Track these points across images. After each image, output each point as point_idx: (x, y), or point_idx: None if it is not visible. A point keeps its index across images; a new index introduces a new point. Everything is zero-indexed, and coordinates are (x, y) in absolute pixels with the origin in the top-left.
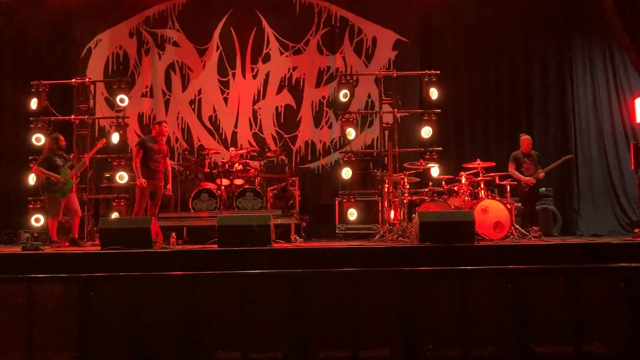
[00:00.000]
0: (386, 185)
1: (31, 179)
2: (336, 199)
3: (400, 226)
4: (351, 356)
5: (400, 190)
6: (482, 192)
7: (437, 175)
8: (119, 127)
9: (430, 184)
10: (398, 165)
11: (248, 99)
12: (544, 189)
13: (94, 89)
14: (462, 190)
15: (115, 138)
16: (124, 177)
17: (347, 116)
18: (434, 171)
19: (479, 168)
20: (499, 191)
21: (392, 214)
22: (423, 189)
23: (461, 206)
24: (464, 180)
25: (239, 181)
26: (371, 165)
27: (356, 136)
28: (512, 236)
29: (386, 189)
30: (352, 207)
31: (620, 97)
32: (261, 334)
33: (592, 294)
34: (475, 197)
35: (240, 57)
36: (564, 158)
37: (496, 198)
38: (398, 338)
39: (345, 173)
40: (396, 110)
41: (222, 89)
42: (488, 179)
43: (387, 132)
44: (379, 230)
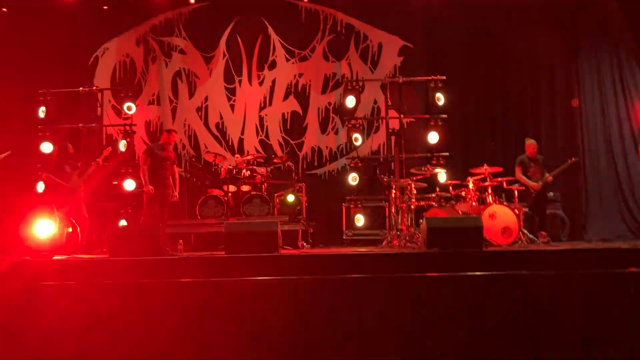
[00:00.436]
0: (393, 191)
1: (39, 187)
2: (343, 204)
3: (407, 232)
4: None
5: (407, 196)
6: (490, 197)
7: (444, 181)
8: (126, 135)
9: (438, 189)
10: (405, 171)
11: (254, 105)
12: (552, 193)
13: (102, 97)
14: (470, 196)
15: (123, 146)
16: (131, 184)
17: (353, 122)
18: (440, 176)
19: (486, 173)
20: (506, 196)
21: (400, 219)
22: (430, 195)
23: (469, 211)
24: (471, 185)
25: (245, 187)
26: (378, 171)
27: (362, 142)
28: (520, 242)
29: (393, 195)
30: (359, 212)
31: (628, 100)
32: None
33: (602, 300)
34: (483, 202)
35: (246, 64)
36: (570, 161)
37: (504, 203)
38: (407, 346)
39: (352, 179)
40: (402, 115)
41: (228, 96)
42: (495, 184)
43: (393, 137)
44: (387, 236)
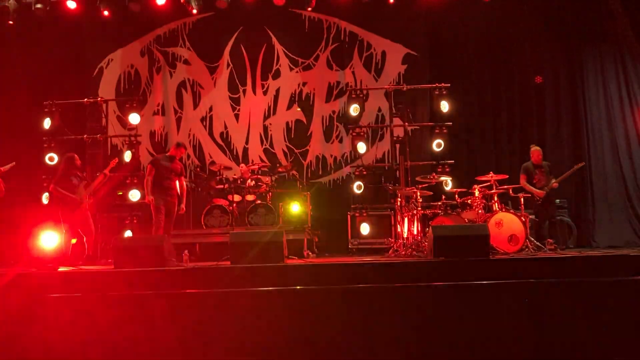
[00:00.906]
0: (398, 199)
1: (44, 199)
2: (348, 213)
3: (413, 241)
4: None
5: (413, 204)
6: (496, 205)
7: (450, 189)
8: (131, 146)
9: (444, 197)
10: (410, 179)
11: (259, 115)
12: (559, 200)
13: (106, 107)
14: (476, 204)
15: (128, 156)
16: (136, 195)
17: (357, 130)
18: (446, 184)
19: (492, 181)
20: (513, 204)
21: (406, 228)
22: (436, 203)
23: (475, 219)
24: (477, 193)
25: (250, 197)
26: (383, 179)
27: (367, 150)
28: (527, 249)
29: (399, 203)
30: (365, 221)
31: (634, 105)
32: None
33: (611, 308)
34: (489, 210)
35: (250, 73)
36: (576, 166)
37: (510, 211)
38: (414, 355)
39: (357, 187)
40: (407, 123)
41: (233, 106)
42: (501, 191)
43: (398, 145)
44: (392, 245)
